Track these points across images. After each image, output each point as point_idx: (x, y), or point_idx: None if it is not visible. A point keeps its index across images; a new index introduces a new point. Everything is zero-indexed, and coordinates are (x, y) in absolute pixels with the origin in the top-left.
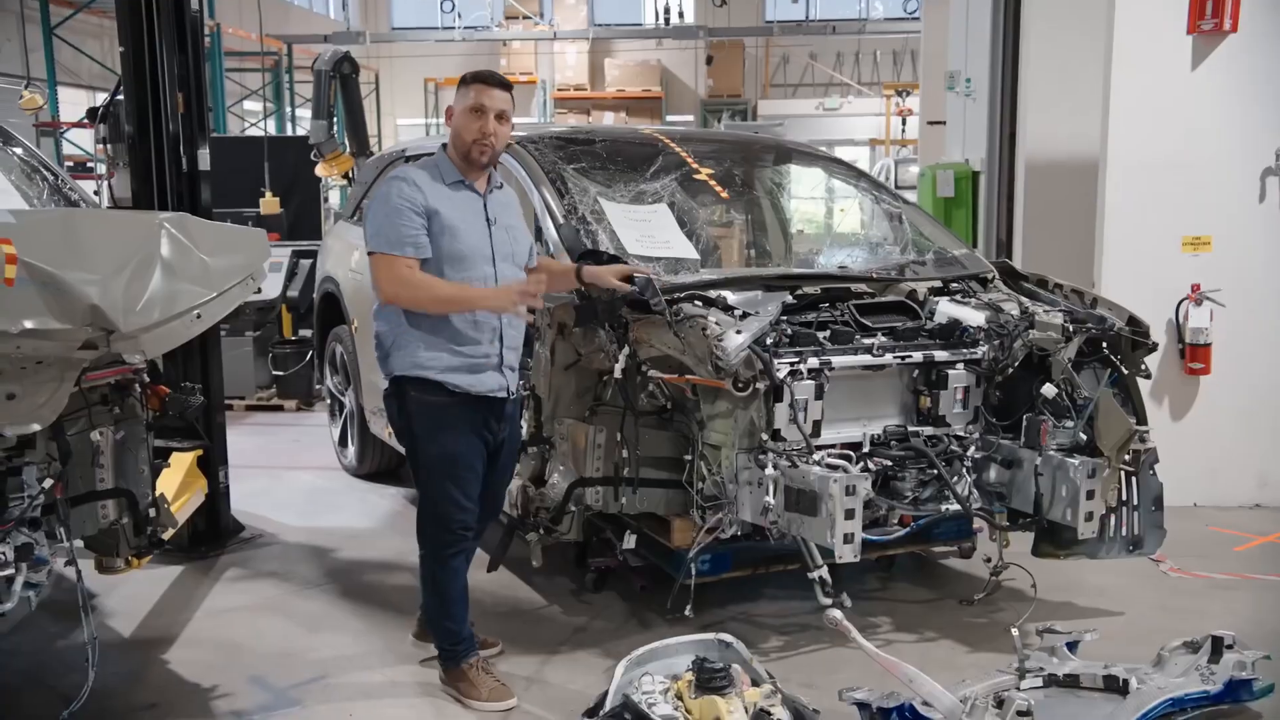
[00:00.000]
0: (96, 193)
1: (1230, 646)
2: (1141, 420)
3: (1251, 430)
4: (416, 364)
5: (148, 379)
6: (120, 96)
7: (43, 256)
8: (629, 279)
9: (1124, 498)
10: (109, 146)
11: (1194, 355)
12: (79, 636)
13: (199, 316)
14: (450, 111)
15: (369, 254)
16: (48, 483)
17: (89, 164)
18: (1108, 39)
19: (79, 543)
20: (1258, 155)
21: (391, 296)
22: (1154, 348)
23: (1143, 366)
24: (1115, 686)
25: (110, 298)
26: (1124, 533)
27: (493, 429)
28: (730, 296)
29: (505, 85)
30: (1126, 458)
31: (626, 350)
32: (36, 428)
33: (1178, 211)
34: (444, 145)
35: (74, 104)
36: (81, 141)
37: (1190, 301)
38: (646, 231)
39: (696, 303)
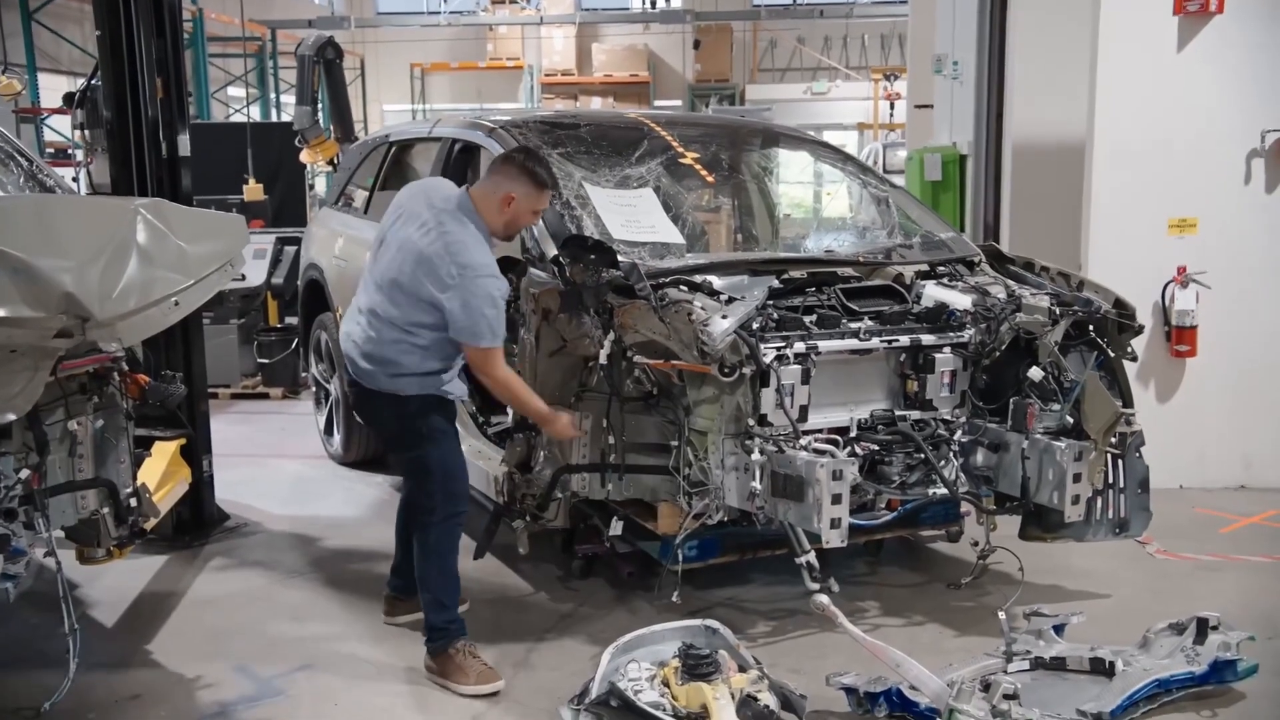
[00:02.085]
0: (75, 179)
1: (1215, 628)
2: (1128, 403)
3: (1237, 412)
4: (424, 386)
5: (126, 367)
6: (98, 81)
7: (15, 243)
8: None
9: (1110, 480)
10: (87, 132)
11: (1180, 338)
12: (60, 627)
13: (177, 304)
14: (512, 198)
15: (484, 348)
16: (24, 473)
17: (70, 150)
18: (1094, 20)
19: (59, 533)
20: (1243, 137)
21: (490, 386)
22: (1140, 330)
23: (1129, 349)
24: (1101, 668)
25: (85, 285)
26: (1110, 515)
27: None
28: (716, 281)
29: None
30: (1113, 440)
31: (612, 336)
32: (11, 418)
33: (1164, 193)
34: (466, 189)
35: (54, 90)
36: (62, 128)
37: (1176, 284)
38: (632, 216)
39: (682, 288)
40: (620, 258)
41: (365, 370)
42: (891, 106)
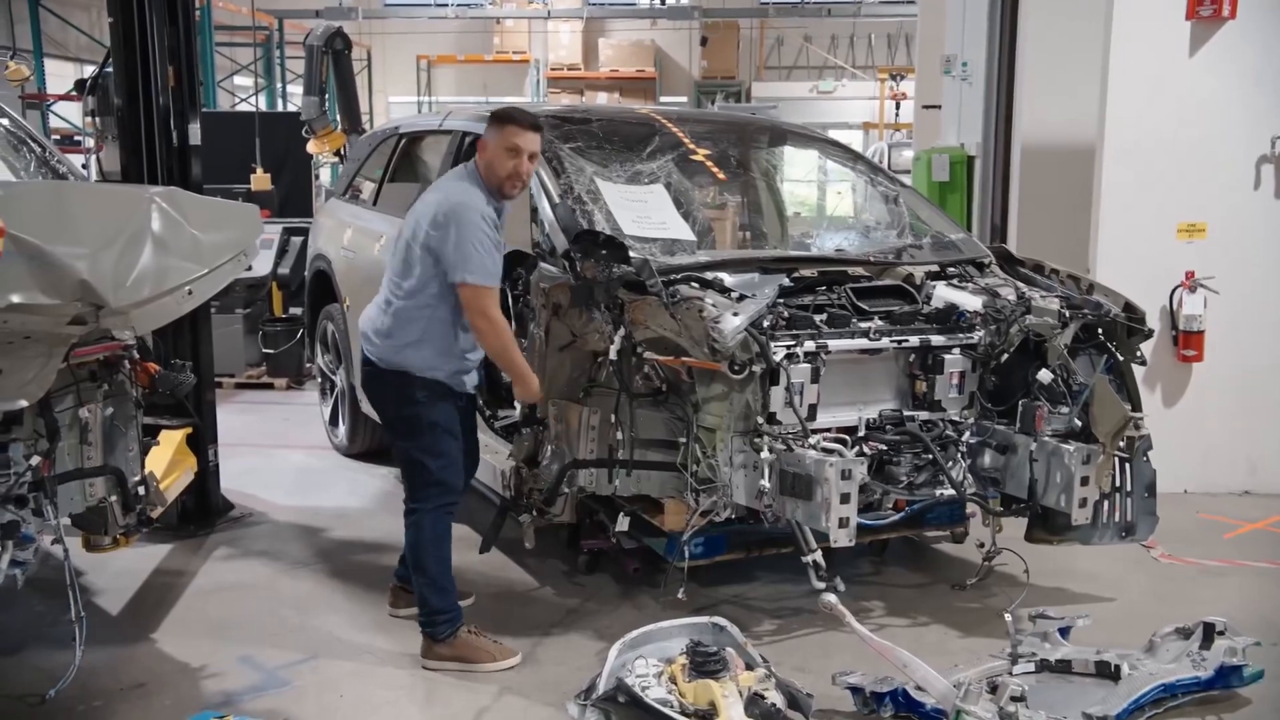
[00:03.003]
0: (85, 166)
1: (1221, 633)
2: (1136, 407)
3: (1242, 418)
4: (433, 366)
5: (137, 356)
6: (109, 69)
7: (31, 230)
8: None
9: (1117, 484)
10: (97, 119)
11: (1187, 342)
12: (66, 615)
13: (190, 293)
14: (484, 145)
15: (463, 283)
16: (34, 460)
17: (75, 137)
18: (1107, 23)
19: (66, 520)
20: (1254, 143)
21: (479, 327)
22: (1150, 334)
23: (1138, 353)
24: (1107, 672)
25: (100, 272)
26: (1117, 519)
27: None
28: (727, 278)
29: (537, 127)
30: (1121, 444)
31: (622, 331)
32: (23, 404)
33: (1174, 198)
34: (474, 163)
35: (60, 76)
36: (68, 114)
37: (1184, 288)
38: (643, 212)
39: (693, 284)
40: (632, 254)
41: (377, 346)
42: (897, 106)
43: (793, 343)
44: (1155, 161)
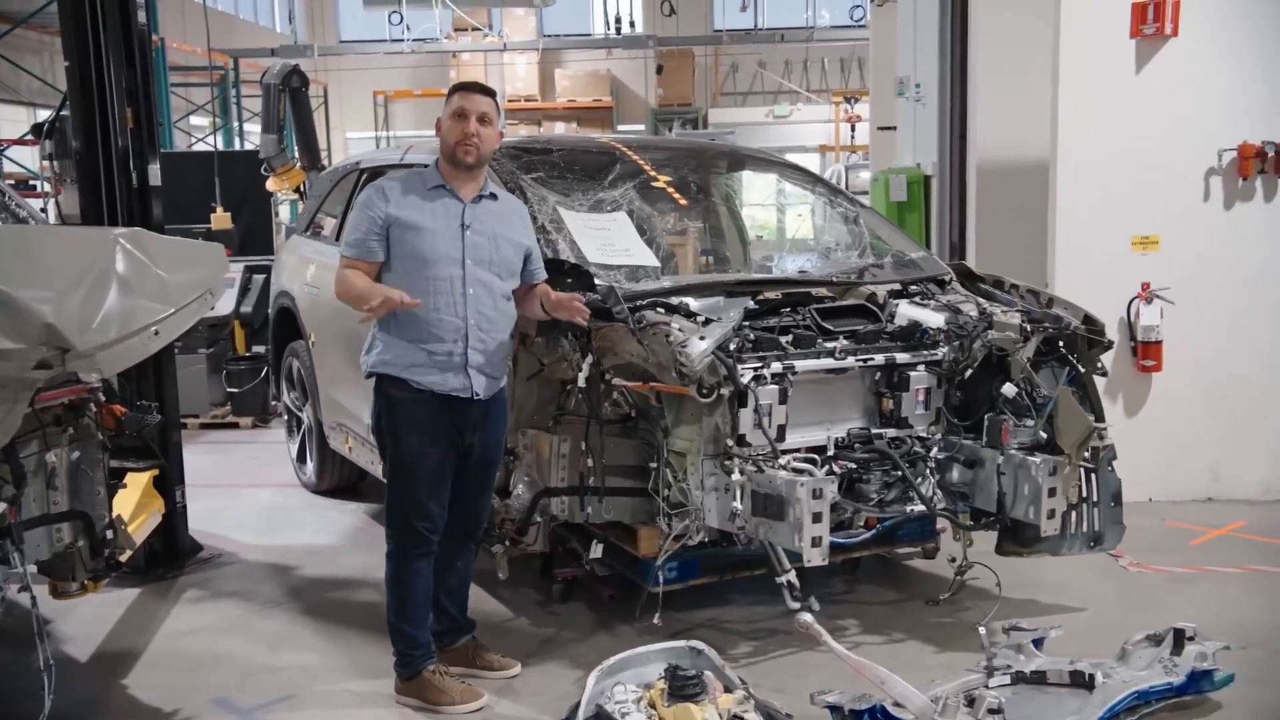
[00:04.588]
0: (43, 210)
1: (1192, 638)
2: (1099, 417)
3: (1203, 425)
4: (384, 361)
5: (103, 398)
6: (66, 112)
7: None
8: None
9: (1084, 494)
10: (55, 163)
11: (1146, 353)
12: (34, 663)
13: (157, 333)
14: (439, 123)
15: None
16: (0, 507)
17: (30, 182)
18: (1055, 43)
19: (33, 568)
20: (1201, 156)
21: (337, 294)
22: (1110, 346)
23: (1099, 364)
24: (1082, 681)
25: (65, 316)
26: (1085, 529)
27: (461, 431)
28: (693, 303)
29: (487, 91)
30: (1086, 455)
31: (590, 359)
32: None
33: (1127, 211)
34: (437, 161)
35: (13, 121)
36: (22, 159)
37: (1141, 300)
38: (606, 240)
39: (659, 310)
40: (597, 281)
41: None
42: (852, 129)
43: (760, 364)
44: (1107, 177)
